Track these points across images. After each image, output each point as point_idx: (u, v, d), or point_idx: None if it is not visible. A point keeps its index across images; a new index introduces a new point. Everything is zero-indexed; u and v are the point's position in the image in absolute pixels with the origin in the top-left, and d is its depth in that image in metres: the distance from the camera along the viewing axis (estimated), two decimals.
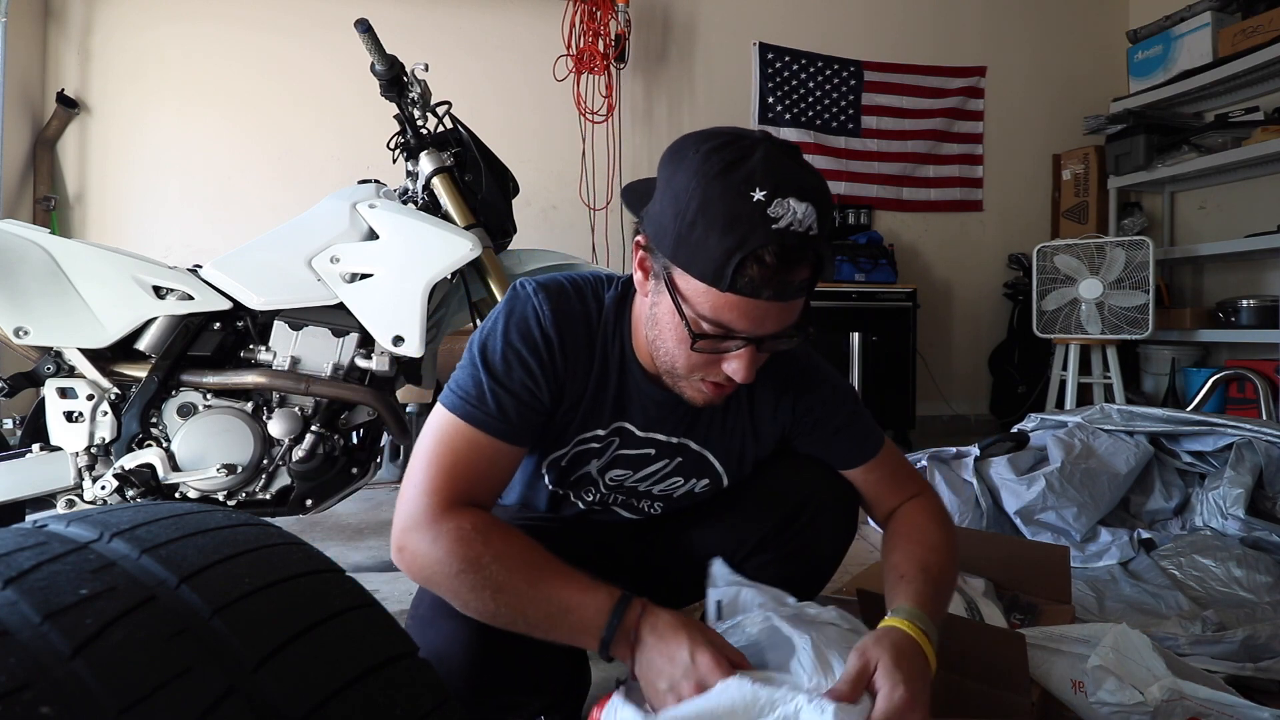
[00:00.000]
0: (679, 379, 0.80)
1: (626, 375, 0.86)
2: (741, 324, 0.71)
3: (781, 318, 0.72)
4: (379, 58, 1.61)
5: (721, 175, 0.67)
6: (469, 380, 0.79)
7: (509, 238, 1.77)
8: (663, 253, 0.72)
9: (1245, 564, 1.56)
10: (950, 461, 2.06)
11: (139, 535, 0.40)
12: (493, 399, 0.78)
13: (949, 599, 0.84)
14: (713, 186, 0.67)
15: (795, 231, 0.66)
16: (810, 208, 0.67)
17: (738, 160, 0.67)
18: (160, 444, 1.47)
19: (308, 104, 3.27)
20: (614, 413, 0.87)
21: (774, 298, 0.69)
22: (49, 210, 3.00)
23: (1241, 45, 3.24)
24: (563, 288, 0.85)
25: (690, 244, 0.68)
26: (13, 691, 0.29)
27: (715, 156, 0.68)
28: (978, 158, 4.03)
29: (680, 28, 3.68)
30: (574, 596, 0.71)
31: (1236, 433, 1.88)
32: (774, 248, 0.66)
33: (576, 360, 0.83)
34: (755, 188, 0.65)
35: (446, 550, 0.72)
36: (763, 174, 0.66)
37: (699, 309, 0.71)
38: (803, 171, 0.69)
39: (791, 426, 0.94)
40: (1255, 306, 3.22)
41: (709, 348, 0.74)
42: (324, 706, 0.36)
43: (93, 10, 3.13)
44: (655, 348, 0.80)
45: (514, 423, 0.79)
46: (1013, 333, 3.89)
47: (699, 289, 0.70)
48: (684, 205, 0.68)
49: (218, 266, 1.50)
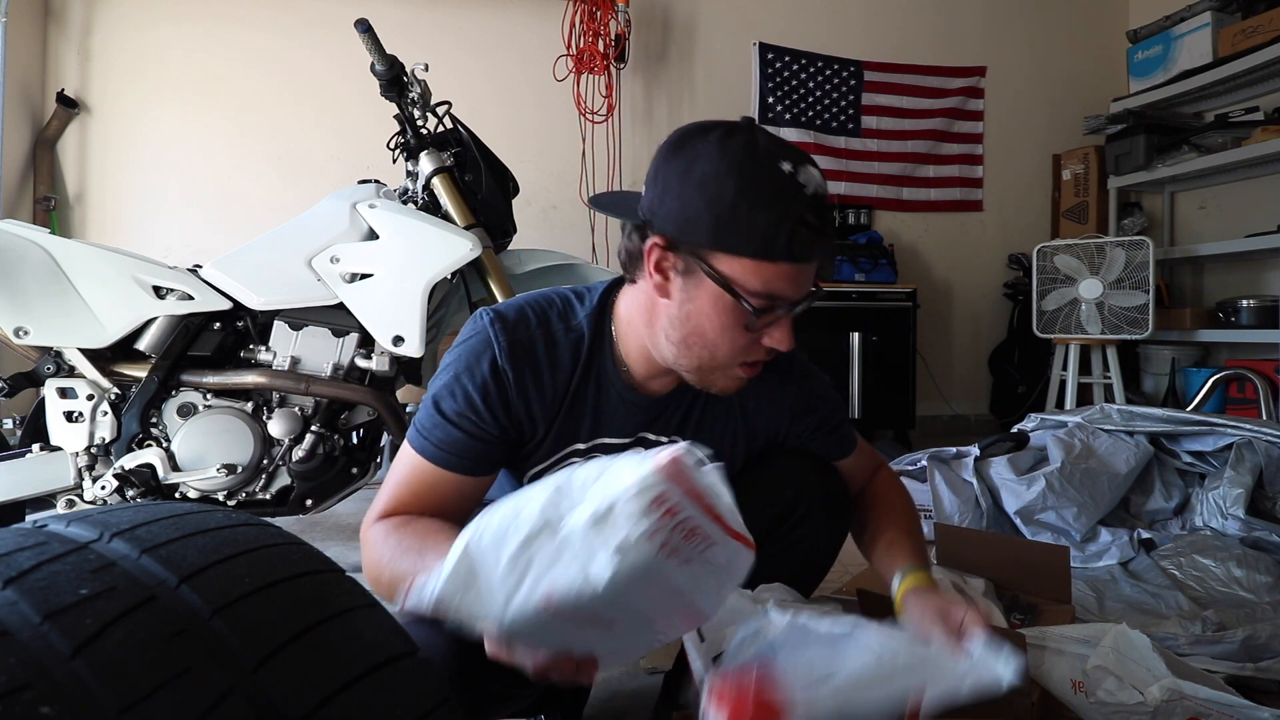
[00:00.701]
0: (714, 371, 0.80)
1: (606, 387, 0.86)
2: (790, 290, 0.75)
3: (812, 278, 0.78)
4: (379, 58, 1.62)
5: (748, 158, 0.71)
6: (424, 414, 0.83)
7: (509, 238, 1.77)
8: (696, 244, 0.73)
9: (1245, 564, 1.56)
10: (950, 461, 2.06)
11: (139, 535, 0.40)
12: (440, 432, 0.80)
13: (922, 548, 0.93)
14: (746, 168, 0.70)
15: (821, 194, 0.73)
16: (817, 172, 0.74)
17: (752, 143, 0.72)
18: (160, 444, 1.47)
19: (308, 104, 3.27)
20: (593, 428, 0.87)
21: (820, 257, 0.75)
22: (49, 210, 3.00)
23: (1241, 45, 3.24)
24: (523, 316, 0.84)
25: (735, 224, 0.71)
26: (13, 691, 0.29)
27: (730, 143, 0.72)
28: (978, 158, 4.03)
29: (680, 28, 3.68)
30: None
31: (1236, 433, 1.88)
32: (813, 213, 0.71)
33: (539, 386, 0.83)
34: (780, 161, 0.71)
35: (366, 559, 0.77)
36: (777, 151, 0.72)
37: (749, 286, 0.73)
38: (802, 151, 0.75)
39: (789, 425, 0.94)
40: (1255, 306, 3.22)
41: (764, 322, 0.77)
42: (324, 706, 0.36)
43: (93, 10, 3.13)
44: (688, 345, 0.79)
45: (461, 454, 0.81)
46: (1013, 333, 3.89)
47: (748, 267, 0.72)
48: (717, 192, 0.71)
49: (218, 266, 1.50)
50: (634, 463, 0.50)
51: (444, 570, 0.53)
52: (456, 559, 0.53)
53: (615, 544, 0.48)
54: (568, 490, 0.52)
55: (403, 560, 0.72)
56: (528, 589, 0.51)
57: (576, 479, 0.53)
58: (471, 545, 0.53)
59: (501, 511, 0.54)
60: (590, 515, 0.49)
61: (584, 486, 0.52)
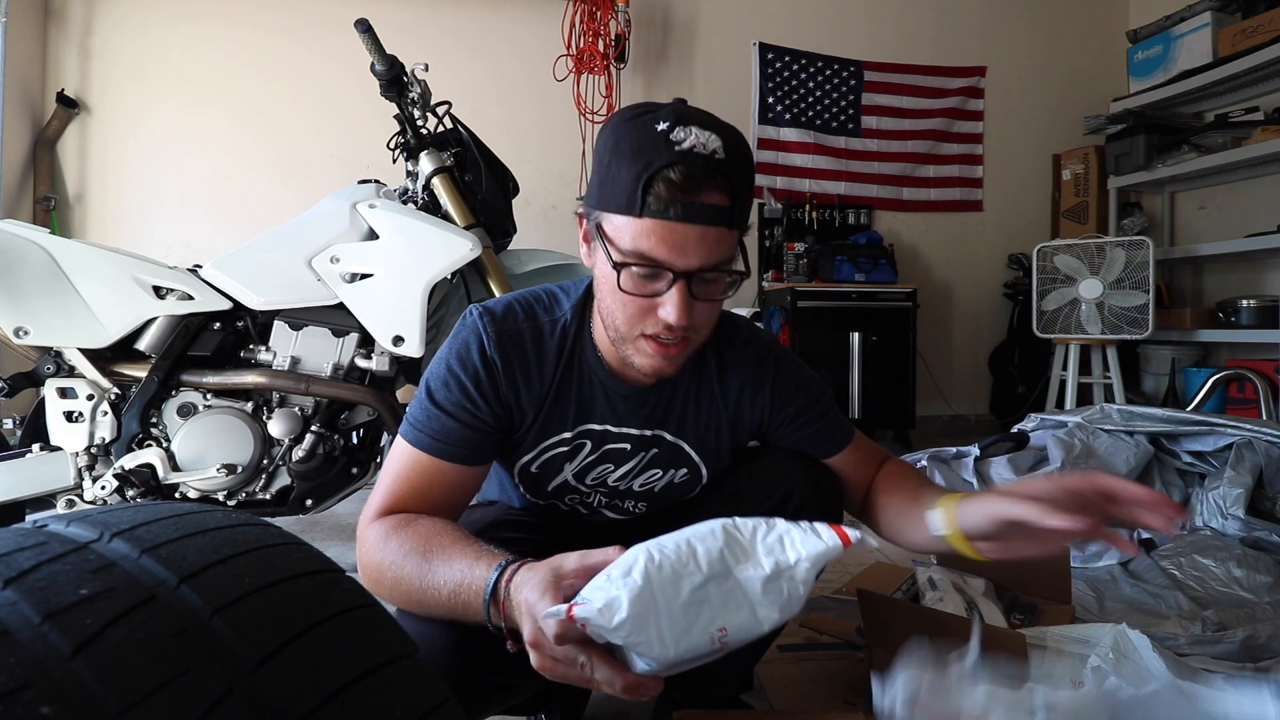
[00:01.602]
0: (624, 344, 0.80)
1: (589, 375, 0.87)
2: (660, 250, 0.72)
3: (701, 247, 0.72)
4: (379, 58, 1.62)
5: (631, 120, 0.73)
6: (417, 407, 0.83)
7: (509, 238, 1.77)
8: (590, 207, 0.76)
9: (1245, 564, 1.56)
10: (950, 461, 2.06)
11: (139, 535, 0.40)
12: (435, 423, 0.81)
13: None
14: (622, 129, 0.73)
15: (699, 153, 0.70)
16: (714, 135, 0.71)
17: (648, 109, 0.73)
18: (160, 444, 1.47)
19: (308, 104, 3.27)
20: (578, 416, 0.88)
21: (683, 217, 0.71)
22: (49, 210, 3.01)
23: (1241, 45, 3.24)
24: (510, 309, 0.87)
25: (608, 184, 0.73)
26: (13, 691, 0.29)
27: (628, 111, 0.75)
28: (978, 158, 4.04)
29: (680, 28, 3.68)
30: (459, 575, 0.69)
31: (1236, 433, 1.88)
32: (680, 167, 0.69)
33: (527, 375, 0.84)
34: (660, 122, 0.71)
35: (364, 562, 0.77)
36: (668, 113, 0.72)
37: (621, 244, 0.73)
38: (713, 118, 0.74)
39: (770, 417, 0.94)
40: (1255, 306, 3.22)
41: (634, 282, 0.74)
42: (324, 706, 0.36)
43: (93, 10, 3.13)
44: (602, 315, 0.81)
45: (456, 443, 0.81)
46: (1013, 333, 3.89)
47: (619, 225, 0.73)
48: (602, 158, 0.74)
49: (218, 266, 1.50)
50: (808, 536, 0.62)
51: (627, 595, 0.57)
52: (639, 588, 0.57)
53: (784, 599, 0.60)
54: (741, 543, 0.62)
55: (406, 564, 0.72)
56: (702, 624, 0.58)
57: (748, 532, 0.63)
58: (653, 577, 0.58)
59: (674, 549, 0.60)
60: (768, 573, 0.60)
61: (757, 541, 0.62)
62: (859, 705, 1.12)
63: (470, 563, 0.69)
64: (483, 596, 0.66)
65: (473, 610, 0.67)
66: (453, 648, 0.75)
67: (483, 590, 0.66)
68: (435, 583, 0.70)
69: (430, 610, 0.71)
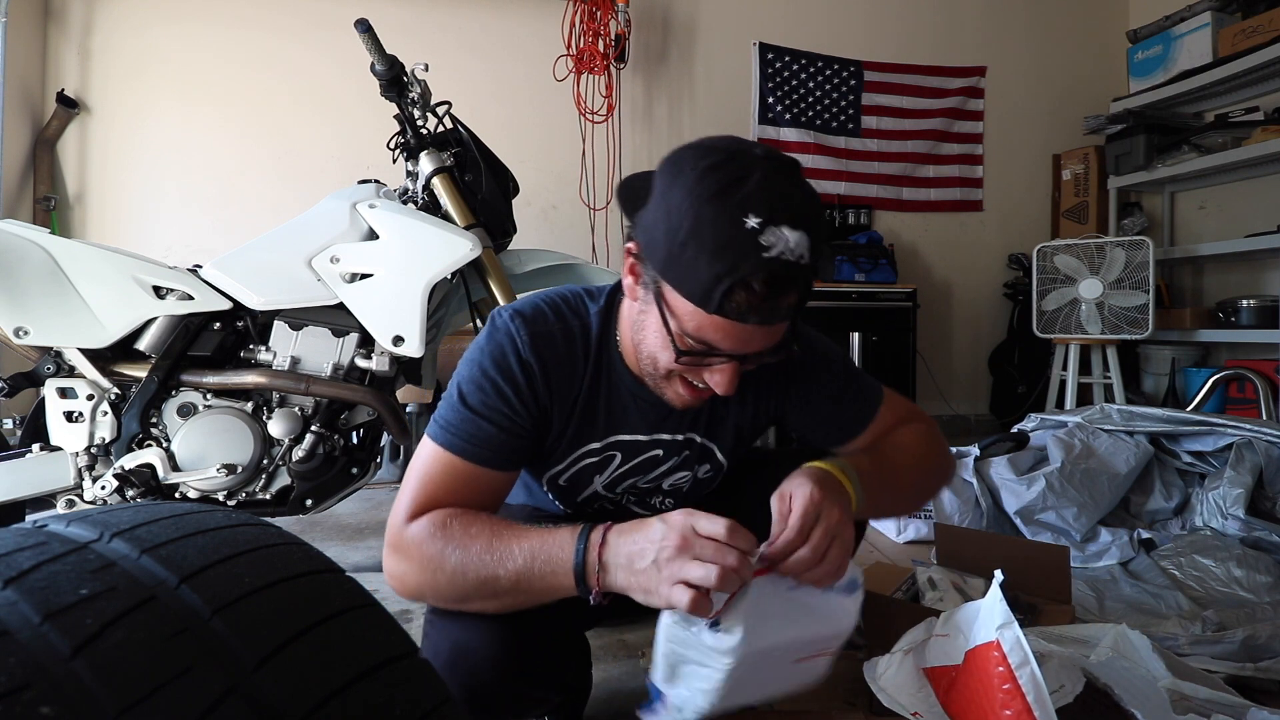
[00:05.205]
0: (659, 380, 0.80)
1: (617, 384, 0.86)
2: (726, 344, 0.71)
3: (766, 339, 0.73)
4: (379, 58, 1.62)
5: (716, 198, 0.66)
6: (449, 410, 0.81)
7: (509, 238, 1.77)
8: (653, 266, 0.72)
9: (1245, 564, 1.56)
10: None
11: (139, 535, 0.40)
12: (470, 426, 0.79)
13: (891, 477, 0.86)
14: (705, 210, 0.66)
15: (786, 260, 0.66)
16: (803, 236, 0.66)
17: (734, 183, 0.66)
18: (160, 444, 1.47)
19: (308, 104, 3.27)
20: (607, 425, 0.87)
21: (760, 323, 0.69)
22: (49, 210, 3.00)
23: (1241, 45, 3.24)
24: (540, 311, 0.85)
25: (681, 264, 0.68)
26: (13, 691, 0.29)
27: (711, 177, 0.67)
28: (978, 158, 4.03)
29: (680, 28, 3.68)
30: (536, 543, 0.71)
31: (1236, 433, 1.88)
32: (763, 276, 0.66)
33: (560, 380, 0.83)
34: (749, 214, 0.65)
35: (414, 559, 0.74)
36: (757, 200, 0.65)
37: (685, 326, 0.71)
38: (799, 194, 0.69)
39: (786, 402, 0.94)
40: (1255, 306, 3.22)
41: (693, 363, 0.75)
42: (324, 706, 0.36)
43: (93, 10, 3.13)
44: (639, 349, 0.80)
45: (492, 448, 0.79)
46: (1013, 333, 3.89)
47: (686, 308, 0.70)
48: (676, 224, 0.68)
49: (218, 266, 1.50)
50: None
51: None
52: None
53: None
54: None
55: (473, 544, 0.71)
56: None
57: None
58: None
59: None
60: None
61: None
62: (859, 705, 1.12)
63: (545, 533, 0.71)
64: (570, 559, 0.68)
65: (553, 574, 0.69)
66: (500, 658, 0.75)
67: (566, 552, 0.69)
68: (509, 552, 0.70)
69: (494, 588, 0.71)
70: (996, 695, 0.70)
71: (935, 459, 0.94)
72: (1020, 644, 0.70)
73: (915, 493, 0.96)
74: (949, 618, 0.83)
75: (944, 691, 0.80)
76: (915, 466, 0.91)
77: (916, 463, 0.91)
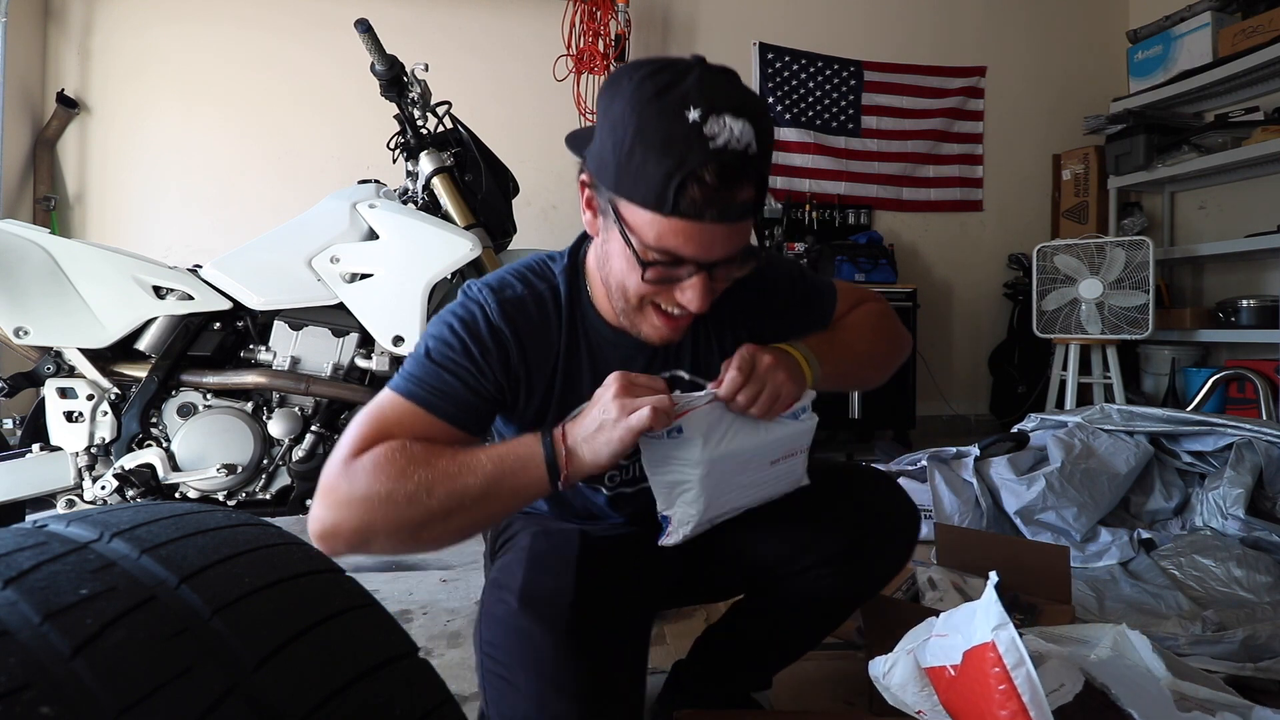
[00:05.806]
0: (633, 314, 0.80)
1: (594, 337, 0.86)
2: (688, 248, 0.71)
3: (728, 241, 0.72)
4: (379, 58, 1.62)
5: (655, 99, 0.66)
6: (413, 364, 0.79)
7: (509, 238, 1.77)
8: (605, 186, 0.72)
9: (1245, 564, 1.56)
10: (950, 461, 2.06)
11: (139, 535, 0.40)
12: (433, 378, 0.77)
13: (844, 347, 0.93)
14: (647, 110, 0.66)
15: (734, 150, 0.66)
16: (747, 125, 0.66)
17: (671, 83, 0.67)
18: (160, 444, 1.47)
19: (308, 104, 3.27)
20: (592, 380, 0.85)
21: (717, 219, 0.69)
22: (49, 210, 3.01)
23: (1241, 45, 3.24)
24: (506, 281, 0.85)
25: (630, 172, 0.68)
26: (13, 691, 0.29)
27: (649, 82, 0.67)
28: (978, 158, 4.03)
29: (680, 28, 3.68)
30: (503, 449, 0.73)
31: (1236, 433, 1.88)
32: (714, 167, 0.65)
33: (536, 345, 0.83)
34: (689, 107, 0.65)
35: (366, 481, 0.69)
36: (696, 93, 0.66)
37: (645, 238, 0.71)
38: (739, 90, 0.69)
39: (761, 320, 0.93)
40: (1255, 306, 3.22)
41: (659, 276, 0.73)
42: (324, 706, 0.36)
43: (93, 10, 3.13)
44: (608, 285, 0.80)
45: (453, 402, 0.77)
46: (1013, 333, 3.89)
47: (643, 217, 0.70)
48: (621, 135, 0.68)
49: (218, 266, 1.50)
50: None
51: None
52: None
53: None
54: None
55: (437, 461, 0.70)
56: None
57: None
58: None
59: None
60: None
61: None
62: (859, 705, 1.13)
63: (508, 442, 0.74)
64: (538, 453, 0.71)
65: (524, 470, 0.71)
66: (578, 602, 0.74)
67: (534, 448, 0.72)
68: (476, 461, 0.71)
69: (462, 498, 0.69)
70: (993, 695, 0.71)
71: (885, 329, 1.00)
72: (1015, 645, 0.70)
73: (870, 359, 0.98)
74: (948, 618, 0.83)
75: (944, 691, 0.81)
76: (869, 335, 0.97)
77: (869, 332, 0.97)
